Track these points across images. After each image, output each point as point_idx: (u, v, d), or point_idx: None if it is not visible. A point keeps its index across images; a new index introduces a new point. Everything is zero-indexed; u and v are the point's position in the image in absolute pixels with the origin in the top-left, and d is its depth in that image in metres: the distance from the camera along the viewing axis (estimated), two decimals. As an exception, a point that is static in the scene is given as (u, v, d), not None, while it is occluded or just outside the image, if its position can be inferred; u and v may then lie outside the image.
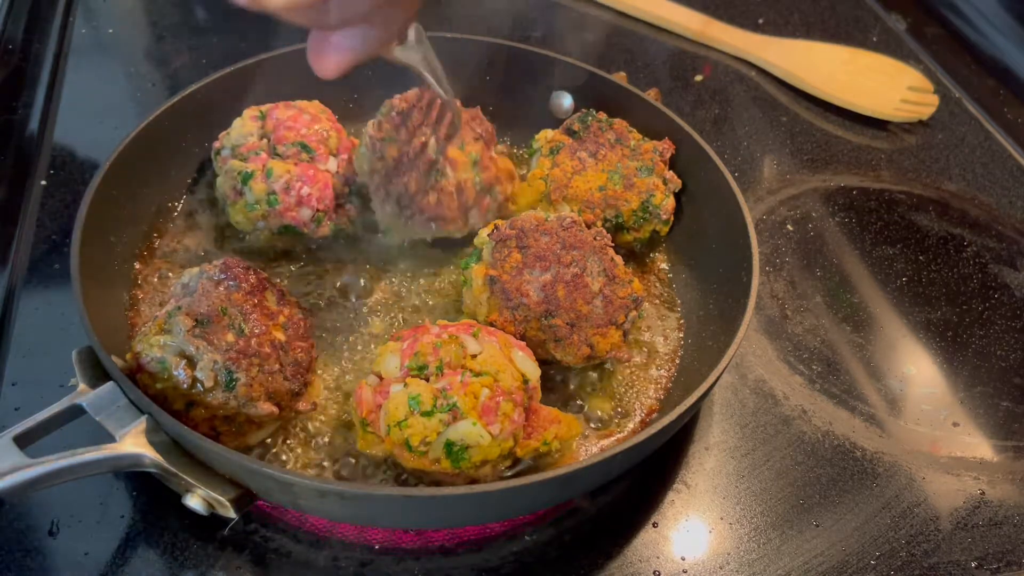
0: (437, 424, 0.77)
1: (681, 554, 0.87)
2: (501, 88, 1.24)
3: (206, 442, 0.73)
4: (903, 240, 1.27)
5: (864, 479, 0.96)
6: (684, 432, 0.97)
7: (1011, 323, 1.16)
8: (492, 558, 0.85)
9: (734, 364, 1.05)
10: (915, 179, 1.38)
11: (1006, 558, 0.90)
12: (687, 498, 0.92)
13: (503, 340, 0.85)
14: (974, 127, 1.50)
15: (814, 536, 0.90)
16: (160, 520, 0.84)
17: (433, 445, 0.77)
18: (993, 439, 1.02)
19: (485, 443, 0.77)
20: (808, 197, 1.32)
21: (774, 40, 1.58)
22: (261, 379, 0.82)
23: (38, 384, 0.93)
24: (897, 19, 1.74)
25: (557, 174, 1.08)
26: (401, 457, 0.79)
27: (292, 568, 0.82)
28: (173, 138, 1.09)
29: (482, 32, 1.24)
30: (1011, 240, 1.29)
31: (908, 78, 1.52)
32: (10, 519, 0.83)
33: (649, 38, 1.59)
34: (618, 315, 0.93)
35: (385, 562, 0.83)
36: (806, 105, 1.50)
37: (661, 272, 1.13)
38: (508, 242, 0.94)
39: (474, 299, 0.94)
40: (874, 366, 1.09)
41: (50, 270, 1.05)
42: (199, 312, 0.82)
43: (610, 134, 1.11)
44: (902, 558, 0.89)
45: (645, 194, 1.07)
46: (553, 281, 0.92)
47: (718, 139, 1.39)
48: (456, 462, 0.78)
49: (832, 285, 1.18)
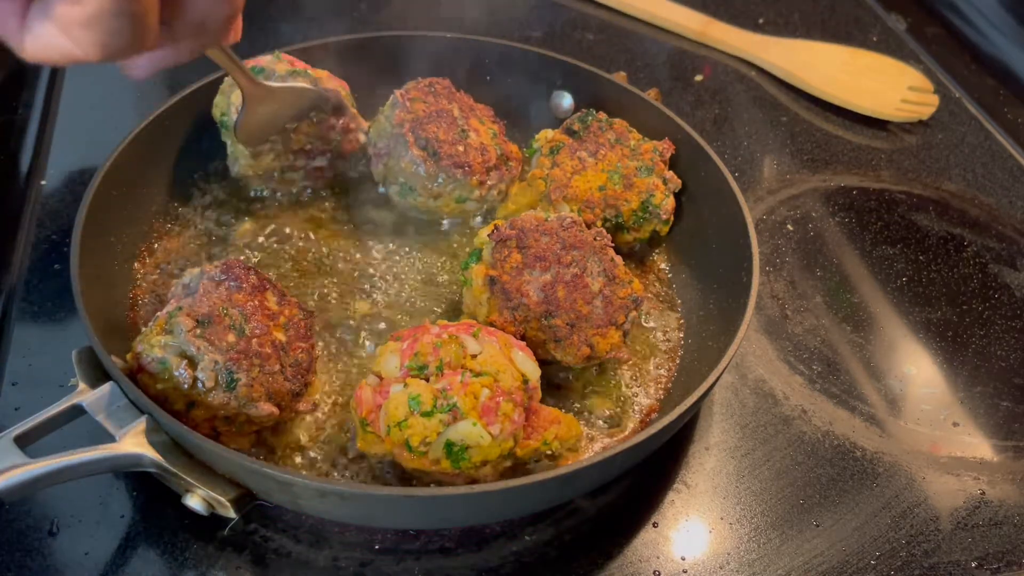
0: (437, 424, 0.77)
1: (681, 554, 0.87)
2: (501, 88, 1.24)
3: (206, 442, 0.73)
4: (903, 240, 1.27)
5: (864, 479, 0.96)
6: (684, 432, 0.97)
7: (1011, 323, 1.16)
8: (492, 558, 0.85)
9: (734, 364, 1.05)
10: (915, 179, 1.38)
11: (1006, 558, 0.90)
12: (687, 498, 0.92)
13: (503, 340, 0.85)
14: (974, 127, 1.49)
15: (814, 536, 0.90)
16: (160, 520, 0.84)
17: (433, 445, 0.77)
18: (993, 439, 1.02)
19: (485, 443, 0.77)
20: (808, 197, 1.32)
21: (774, 40, 1.58)
22: (262, 379, 0.82)
23: (38, 384, 0.93)
24: (897, 19, 1.74)
25: (557, 174, 1.08)
26: (401, 457, 0.79)
27: (292, 568, 0.82)
28: (173, 138, 1.09)
29: (482, 32, 1.25)
30: (1011, 240, 1.29)
31: (908, 78, 1.52)
32: (10, 519, 0.83)
33: (649, 38, 1.59)
34: (618, 315, 0.93)
35: (385, 562, 0.84)
36: (806, 105, 1.50)
37: (661, 272, 1.13)
38: (508, 242, 0.94)
39: (474, 299, 0.94)
40: (874, 366, 1.09)
41: (50, 270, 1.05)
42: (200, 313, 0.82)
43: (610, 134, 1.11)
44: (902, 558, 0.89)
45: (645, 194, 1.07)
46: (553, 281, 0.92)
47: (718, 139, 1.39)
48: (456, 462, 0.78)
49: (832, 285, 1.18)
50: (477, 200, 1.09)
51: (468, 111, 1.12)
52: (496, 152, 1.10)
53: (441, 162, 1.05)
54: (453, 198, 1.08)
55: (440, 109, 1.08)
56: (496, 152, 1.10)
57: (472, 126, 1.10)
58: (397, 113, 1.07)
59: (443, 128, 1.07)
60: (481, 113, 1.14)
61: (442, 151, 1.05)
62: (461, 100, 1.12)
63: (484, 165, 1.08)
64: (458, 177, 1.06)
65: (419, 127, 1.06)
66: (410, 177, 1.07)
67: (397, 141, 1.07)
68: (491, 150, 1.09)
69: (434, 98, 1.09)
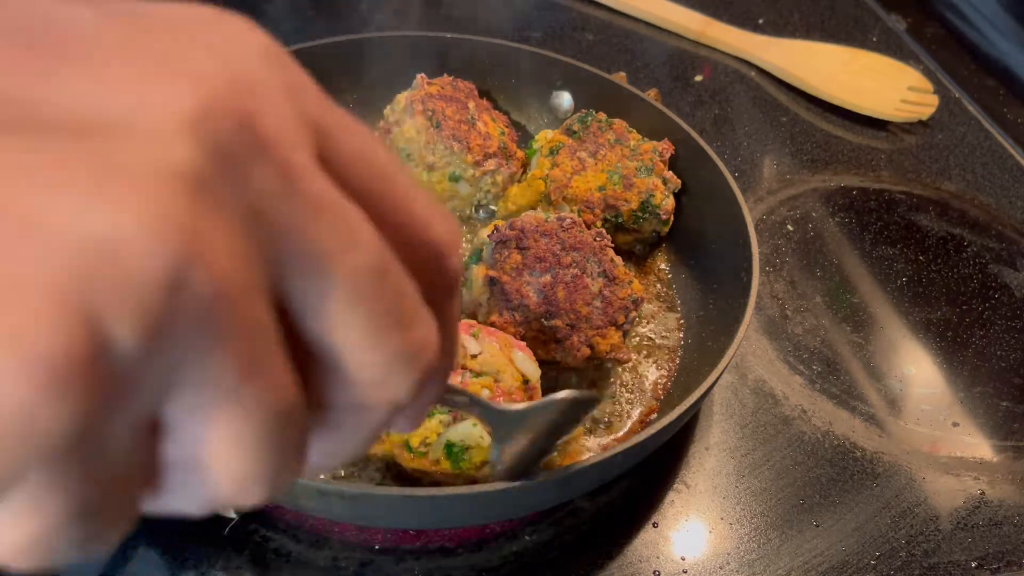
0: (437, 425, 0.77)
1: (681, 554, 0.88)
2: (501, 88, 1.24)
3: (206, 442, 0.73)
4: (903, 240, 1.27)
5: (864, 479, 0.96)
6: (684, 432, 0.97)
7: (1011, 323, 1.16)
8: (492, 558, 0.85)
9: (734, 364, 1.05)
10: (915, 179, 1.38)
11: (1006, 558, 0.90)
12: (687, 498, 0.92)
13: (503, 340, 0.85)
14: (974, 127, 1.50)
15: (814, 536, 0.90)
16: (160, 520, 0.84)
17: (433, 446, 0.77)
18: (993, 439, 1.03)
19: (485, 444, 0.77)
20: (808, 197, 1.32)
21: (774, 40, 1.58)
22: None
23: (38, 384, 0.92)
24: (897, 19, 1.74)
25: (557, 174, 1.08)
26: (401, 457, 0.79)
27: (292, 568, 0.82)
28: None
29: (482, 32, 1.25)
30: (1011, 240, 1.29)
31: (908, 78, 1.52)
32: (10, 519, 0.83)
33: (649, 38, 1.59)
34: (618, 316, 0.93)
35: (385, 562, 0.84)
36: (806, 105, 1.50)
37: (661, 272, 1.13)
38: (508, 243, 0.94)
39: (474, 300, 0.94)
40: (874, 366, 1.09)
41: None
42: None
43: (610, 134, 1.11)
44: (902, 558, 0.89)
45: (645, 194, 1.07)
46: (553, 282, 0.92)
47: (718, 139, 1.39)
48: (456, 463, 0.78)
49: (832, 285, 1.19)
50: (470, 182, 1.10)
51: (483, 109, 1.14)
52: (499, 144, 1.11)
53: (442, 132, 1.07)
54: (447, 174, 1.09)
55: (456, 98, 1.11)
56: (499, 144, 1.11)
57: (483, 119, 1.12)
58: (413, 92, 1.10)
59: (453, 109, 1.09)
60: (496, 116, 1.16)
61: (445, 124, 1.07)
62: (479, 101, 1.15)
63: (484, 149, 1.09)
64: (455, 150, 1.07)
65: (429, 100, 1.09)
66: (409, 143, 1.08)
67: (406, 111, 1.09)
68: (495, 140, 1.11)
69: (453, 90, 1.12)
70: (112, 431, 0.27)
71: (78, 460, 0.26)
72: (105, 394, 0.25)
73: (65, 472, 0.26)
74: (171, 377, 0.27)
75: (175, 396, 0.27)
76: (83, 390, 0.24)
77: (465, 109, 1.11)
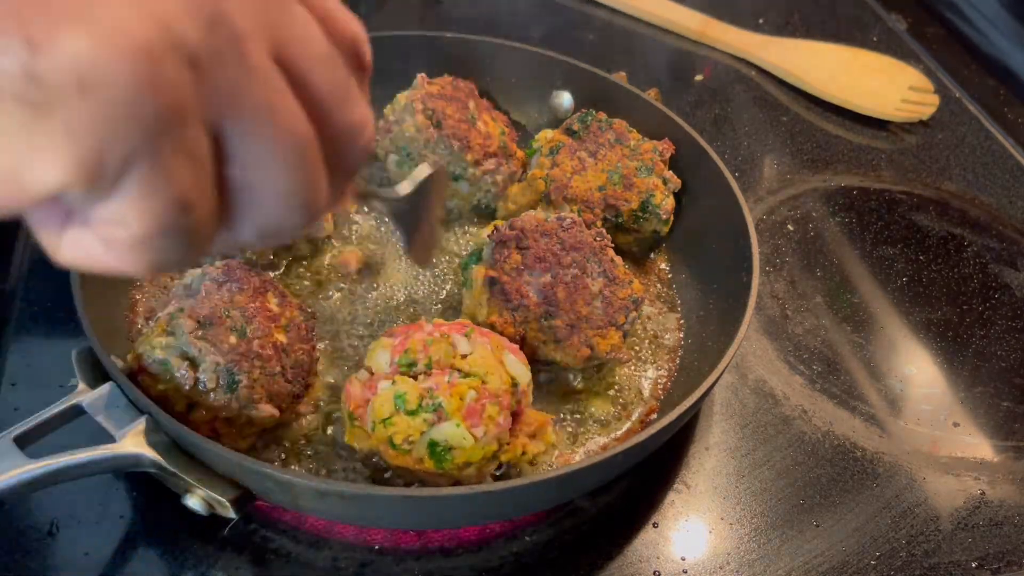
0: (421, 424, 0.77)
1: (681, 554, 0.87)
2: (501, 88, 1.24)
3: (206, 442, 0.73)
4: (903, 240, 1.27)
5: (864, 479, 0.96)
6: (684, 432, 0.97)
7: (1011, 323, 1.16)
8: (492, 558, 0.85)
9: (734, 364, 1.05)
10: (915, 179, 1.38)
11: (1006, 558, 0.90)
12: (687, 498, 0.92)
13: (495, 342, 0.85)
14: (974, 127, 1.49)
15: (814, 536, 0.90)
16: (160, 520, 0.84)
17: (417, 444, 0.77)
18: (993, 439, 1.02)
19: (468, 445, 0.77)
20: (808, 197, 1.32)
21: (774, 40, 1.58)
22: (263, 381, 0.82)
23: (38, 384, 0.93)
24: (897, 19, 1.74)
25: (557, 174, 1.08)
26: (386, 454, 0.79)
27: (292, 568, 0.82)
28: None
29: (482, 32, 1.25)
30: (1011, 240, 1.29)
31: (908, 78, 1.52)
32: (10, 519, 0.83)
33: (649, 38, 1.59)
34: (618, 316, 0.93)
35: (385, 562, 0.84)
36: (806, 105, 1.50)
37: (661, 272, 1.13)
38: (508, 243, 0.94)
39: (474, 300, 0.94)
40: (874, 366, 1.09)
41: (50, 270, 1.05)
42: (201, 314, 0.82)
43: (610, 134, 1.11)
44: (902, 558, 0.89)
45: (645, 194, 1.07)
46: (553, 282, 0.92)
47: (718, 139, 1.39)
48: (440, 462, 0.77)
49: (832, 285, 1.18)
50: (470, 181, 1.09)
51: (483, 109, 1.14)
52: (499, 143, 1.11)
53: (442, 131, 1.07)
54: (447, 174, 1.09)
55: (456, 98, 1.11)
56: (499, 143, 1.11)
57: (483, 119, 1.12)
58: (414, 91, 1.10)
59: (453, 108, 1.09)
60: (496, 115, 1.16)
61: (446, 123, 1.07)
62: (479, 101, 1.15)
63: (484, 148, 1.09)
64: (455, 149, 1.07)
65: (430, 99, 1.08)
66: (409, 142, 1.08)
67: (406, 111, 1.09)
68: (495, 139, 1.11)
69: (453, 90, 1.12)
70: (192, 132, 0.38)
71: (171, 148, 0.37)
72: (184, 83, 0.36)
73: (163, 160, 0.37)
74: (221, 97, 0.39)
75: (228, 117, 0.39)
76: (171, 74, 0.36)
77: (465, 109, 1.11)
